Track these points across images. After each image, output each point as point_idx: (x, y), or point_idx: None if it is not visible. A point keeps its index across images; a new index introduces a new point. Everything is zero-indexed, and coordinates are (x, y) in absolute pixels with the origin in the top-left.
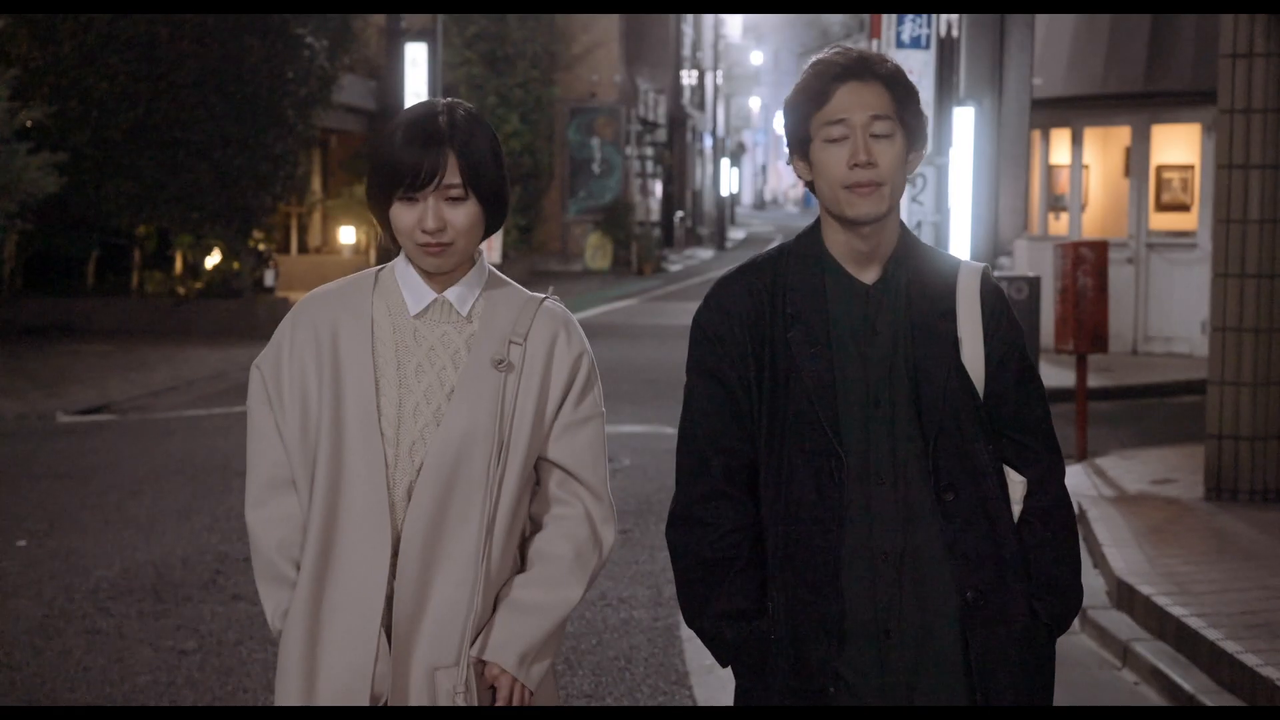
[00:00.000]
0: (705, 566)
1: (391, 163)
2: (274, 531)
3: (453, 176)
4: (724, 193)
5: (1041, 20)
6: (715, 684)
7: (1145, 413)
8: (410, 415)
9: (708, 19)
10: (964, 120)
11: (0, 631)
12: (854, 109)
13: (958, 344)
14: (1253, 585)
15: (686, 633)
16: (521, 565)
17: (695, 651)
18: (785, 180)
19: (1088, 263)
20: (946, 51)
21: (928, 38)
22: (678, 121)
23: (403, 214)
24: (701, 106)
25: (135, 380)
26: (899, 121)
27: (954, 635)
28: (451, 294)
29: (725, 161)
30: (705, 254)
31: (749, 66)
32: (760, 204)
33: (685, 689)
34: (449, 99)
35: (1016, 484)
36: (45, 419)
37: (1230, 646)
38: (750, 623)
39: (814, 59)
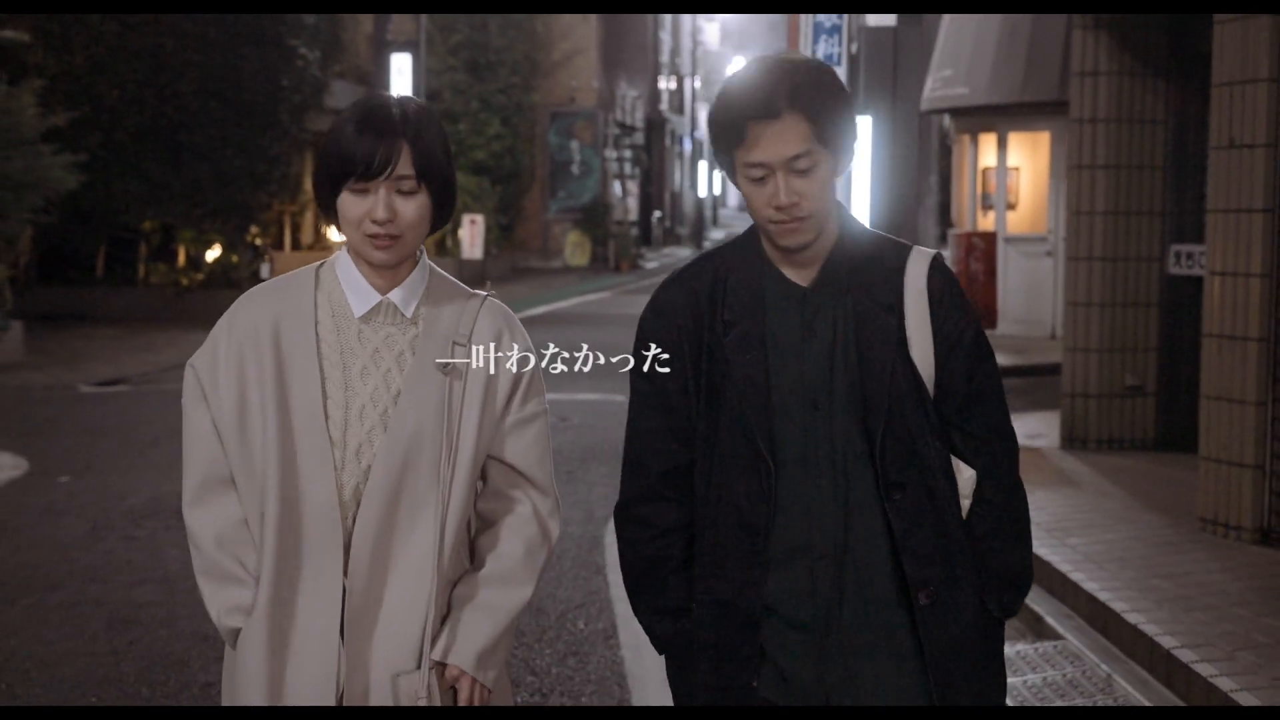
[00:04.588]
0: (642, 563)
1: (344, 151)
2: (213, 528)
3: (405, 168)
4: (702, 194)
5: (968, 34)
6: None
7: (1046, 386)
8: (357, 418)
9: (685, 26)
10: (863, 128)
11: (56, 538)
12: (771, 152)
13: (904, 337)
14: (1068, 505)
15: (609, 539)
16: (470, 561)
17: (614, 554)
18: None
19: (979, 250)
20: (855, 67)
21: (840, 55)
22: (656, 125)
23: (352, 205)
24: (680, 110)
25: (145, 359)
26: (821, 146)
27: (903, 628)
28: (396, 296)
29: (703, 164)
30: (683, 253)
31: (727, 73)
32: (745, 205)
33: (602, 577)
34: (401, 95)
35: (965, 479)
36: (69, 389)
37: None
38: (679, 620)
39: (724, 84)
